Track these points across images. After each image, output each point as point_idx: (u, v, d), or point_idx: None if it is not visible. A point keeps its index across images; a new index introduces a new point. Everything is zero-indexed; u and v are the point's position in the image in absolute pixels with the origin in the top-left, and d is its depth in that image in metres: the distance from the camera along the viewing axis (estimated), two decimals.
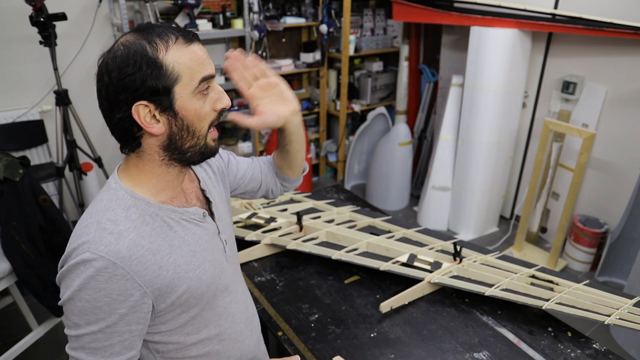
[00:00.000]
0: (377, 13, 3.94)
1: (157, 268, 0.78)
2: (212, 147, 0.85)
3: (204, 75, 0.78)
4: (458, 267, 1.51)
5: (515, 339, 1.29)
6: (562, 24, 2.59)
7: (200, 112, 0.79)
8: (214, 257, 0.91)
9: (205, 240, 0.89)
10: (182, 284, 0.82)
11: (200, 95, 0.78)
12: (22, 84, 2.82)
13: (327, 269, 1.60)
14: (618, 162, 2.69)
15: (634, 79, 2.52)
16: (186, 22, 2.95)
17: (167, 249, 0.80)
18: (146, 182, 0.82)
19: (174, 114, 0.77)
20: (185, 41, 0.76)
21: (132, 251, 0.75)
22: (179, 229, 0.84)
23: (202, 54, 0.78)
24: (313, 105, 3.91)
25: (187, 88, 0.76)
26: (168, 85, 0.74)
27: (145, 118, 0.76)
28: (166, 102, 0.75)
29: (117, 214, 0.77)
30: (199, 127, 0.80)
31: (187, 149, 0.81)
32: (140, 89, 0.73)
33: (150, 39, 0.74)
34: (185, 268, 0.83)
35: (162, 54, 0.74)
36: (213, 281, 0.89)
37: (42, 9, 2.34)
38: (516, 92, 2.97)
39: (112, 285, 0.73)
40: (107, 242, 0.73)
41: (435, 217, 3.37)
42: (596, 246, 2.80)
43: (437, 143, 3.29)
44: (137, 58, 0.72)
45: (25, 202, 1.91)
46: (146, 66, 0.73)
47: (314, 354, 1.23)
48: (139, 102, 0.74)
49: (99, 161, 2.80)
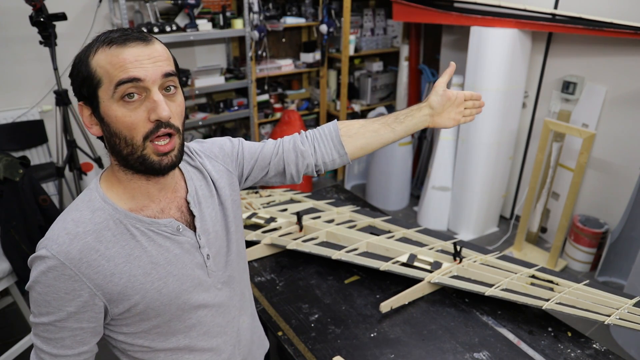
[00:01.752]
0: (377, 13, 3.94)
1: (109, 274, 0.77)
2: (152, 161, 0.77)
3: (120, 79, 0.72)
4: (458, 267, 1.51)
5: (515, 339, 1.29)
6: (562, 24, 2.59)
7: (124, 120, 0.74)
8: (184, 272, 0.86)
9: (175, 254, 0.85)
10: (135, 294, 0.80)
11: (123, 102, 0.73)
12: (22, 84, 2.82)
13: (327, 269, 1.60)
14: (618, 162, 2.69)
15: (634, 79, 2.52)
16: (186, 22, 2.95)
17: (124, 257, 0.79)
18: (117, 187, 0.82)
19: (101, 118, 0.76)
20: (119, 44, 0.73)
21: (84, 254, 0.75)
22: (143, 239, 0.81)
23: (128, 57, 0.72)
24: (313, 105, 3.91)
25: (107, 92, 0.74)
26: (91, 89, 0.75)
27: (87, 118, 0.78)
28: (95, 106, 0.76)
29: (82, 215, 0.78)
30: (129, 136, 0.75)
31: (126, 156, 0.77)
32: (78, 90, 0.77)
33: (95, 41, 0.75)
34: (141, 279, 0.80)
35: (91, 57, 0.74)
36: (178, 296, 0.85)
37: (42, 9, 2.34)
38: (516, 92, 2.97)
39: (60, 284, 0.74)
40: (61, 242, 0.75)
41: (435, 217, 3.37)
42: (596, 246, 2.80)
43: (437, 143, 3.29)
44: (79, 59, 0.76)
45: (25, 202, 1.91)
46: (83, 68, 0.75)
47: (314, 354, 1.23)
48: (80, 102, 0.78)
49: (99, 161, 2.80)
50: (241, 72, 3.38)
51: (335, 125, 1.07)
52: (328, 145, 1.06)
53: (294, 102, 3.84)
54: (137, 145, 0.75)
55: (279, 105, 3.73)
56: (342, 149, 1.06)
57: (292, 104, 3.82)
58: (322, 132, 1.07)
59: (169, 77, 0.76)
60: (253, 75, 3.39)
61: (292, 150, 1.05)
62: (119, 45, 0.73)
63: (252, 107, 3.43)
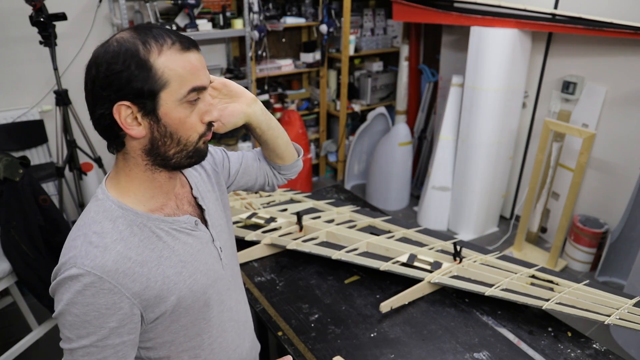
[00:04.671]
0: (377, 13, 3.94)
1: (145, 280, 0.76)
2: (202, 150, 0.82)
3: (194, 86, 0.75)
4: (458, 267, 1.51)
5: (515, 339, 1.29)
6: (562, 24, 2.59)
7: (185, 121, 0.76)
8: (207, 267, 0.88)
9: (197, 249, 0.87)
10: (171, 295, 0.80)
11: (188, 104, 0.75)
12: (22, 84, 2.82)
13: (327, 269, 1.60)
14: (618, 162, 2.69)
15: (634, 79, 2.52)
16: (186, 22, 2.95)
17: (156, 260, 0.79)
18: (134, 190, 0.80)
19: (157, 119, 0.74)
20: (181, 47, 0.74)
21: (119, 264, 0.74)
22: (169, 239, 0.82)
23: (197, 63, 0.75)
24: (313, 105, 3.91)
25: (175, 95, 0.73)
26: (154, 89, 0.72)
27: (126, 119, 0.73)
28: (150, 106, 0.73)
29: (103, 226, 0.76)
30: (184, 136, 0.77)
31: (172, 155, 0.78)
32: (124, 89, 0.71)
33: (145, 40, 0.72)
34: (174, 279, 0.81)
35: (154, 57, 0.71)
36: (205, 291, 0.87)
37: (42, 9, 2.34)
38: (516, 92, 2.97)
39: (100, 300, 0.72)
40: (93, 257, 0.72)
41: (435, 217, 3.37)
42: (596, 246, 2.80)
43: (437, 143, 3.29)
44: (127, 56, 0.70)
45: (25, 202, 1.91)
46: (135, 66, 0.70)
47: (314, 354, 1.23)
48: (122, 102, 0.72)
49: (99, 161, 2.80)
50: (241, 72, 3.38)
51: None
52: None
53: (294, 102, 3.84)
54: (191, 143, 0.78)
55: (279, 105, 3.73)
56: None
57: (292, 104, 3.82)
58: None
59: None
60: (253, 75, 3.39)
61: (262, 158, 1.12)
62: (182, 49, 0.74)
63: None
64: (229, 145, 3.62)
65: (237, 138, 3.63)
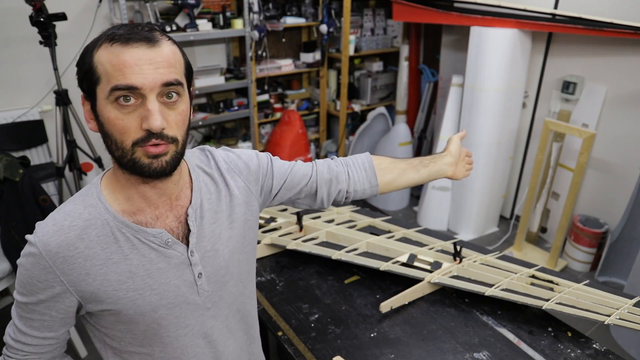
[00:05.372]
0: (377, 13, 3.94)
1: (84, 273, 0.76)
2: (142, 164, 0.72)
3: (115, 84, 0.68)
4: (458, 267, 1.51)
5: (515, 339, 1.29)
6: (562, 24, 2.59)
7: (116, 122, 0.70)
8: (165, 288, 0.81)
9: (158, 267, 0.80)
10: (107, 298, 0.78)
11: (117, 104, 0.69)
12: (22, 84, 2.82)
13: (327, 269, 1.60)
14: (618, 162, 2.69)
15: (634, 79, 2.52)
16: (186, 22, 2.95)
17: (102, 260, 0.77)
18: (116, 188, 0.80)
19: (96, 115, 0.74)
20: (122, 42, 0.69)
21: (62, 249, 0.75)
22: (125, 246, 0.77)
23: (128, 59, 0.68)
24: (313, 105, 3.91)
25: (103, 92, 0.70)
26: (91, 84, 0.72)
27: (87, 112, 0.77)
28: (93, 102, 0.73)
29: (75, 209, 0.78)
30: (119, 139, 0.71)
31: (118, 158, 0.73)
32: (80, 82, 0.75)
33: (103, 34, 0.72)
34: (115, 285, 0.77)
35: (95, 51, 0.71)
36: (154, 310, 0.81)
37: (42, 9, 2.34)
38: (516, 92, 2.97)
39: (35, 272, 0.76)
40: (44, 232, 0.75)
41: (435, 217, 3.37)
42: (596, 246, 2.80)
43: (437, 143, 3.29)
44: (85, 50, 0.73)
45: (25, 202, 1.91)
46: (85, 59, 0.72)
47: (314, 354, 1.23)
48: (82, 94, 0.76)
49: (99, 161, 2.80)
50: (241, 72, 3.38)
51: (369, 157, 1.11)
52: (361, 173, 1.08)
53: (294, 102, 3.84)
54: (127, 150, 0.71)
55: (279, 105, 3.73)
56: (375, 180, 1.08)
57: (292, 104, 3.82)
58: (355, 161, 1.10)
59: (170, 86, 0.71)
60: (253, 75, 3.39)
61: (326, 172, 1.04)
62: (121, 43, 0.68)
63: (252, 107, 3.43)
64: (229, 145, 3.62)
65: (237, 138, 3.64)
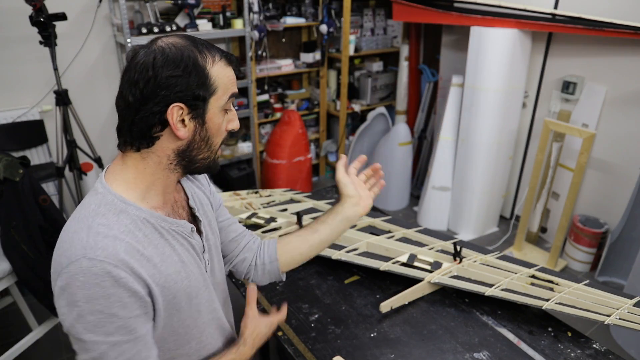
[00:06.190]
0: (377, 13, 3.94)
1: (151, 274, 0.76)
2: (218, 164, 0.89)
3: (233, 92, 0.83)
4: (458, 267, 1.51)
5: (515, 339, 1.29)
6: (562, 24, 2.59)
7: (220, 127, 0.84)
8: (199, 273, 0.89)
9: (191, 254, 0.88)
10: (169, 293, 0.80)
11: (224, 112, 0.83)
12: (22, 84, 2.82)
13: (327, 269, 1.60)
14: (618, 162, 2.69)
15: (634, 79, 2.52)
16: (186, 22, 2.95)
17: (159, 257, 0.79)
18: (139, 185, 0.80)
19: (203, 122, 0.80)
20: (226, 62, 0.82)
21: (130, 255, 0.73)
22: (169, 238, 0.82)
23: (232, 75, 0.84)
24: (313, 105, 3.91)
25: (219, 102, 0.81)
26: (206, 95, 0.79)
27: (180, 119, 0.78)
28: (200, 110, 0.79)
29: (108, 219, 0.74)
30: (214, 142, 0.84)
31: (200, 159, 0.84)
32: (183, 92, 0.76)
33: (200, 50, 0.79)
34: (174, 277, 0.81)
35: (209, 66, 0.78)
36: (197, 294, 0.88)
37: (42, 9, 2.34)
38: (516, 92, 2.97)
39: (119, 289, 0.70)
40: (104, 246, 0.70)
41: (435, 217, 3.37)
42: (596, 246, 2.80)
43: (437, 143, 3.29)
44: (189, 63, 0.76)
45: (25, 202, 1.91)
46: (195, 72, 0.76)
47: (314, 354, 1.23)
48: (177, 104, 0.76)
49: (99, 161, 2.80)
50: (241, 72, 3.38)
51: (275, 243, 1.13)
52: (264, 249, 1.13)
53: (294, 102, 3.84)
54: (215, 150, 0.85)
55: (279, 105, 3.73)
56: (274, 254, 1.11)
57: (292, 104, 3.82)
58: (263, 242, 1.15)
59: None
60: (253, 75, 3.39)
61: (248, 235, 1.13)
62: (227, 63, 0.82)
63: (252, 107, 3.43)
64: (229, 145, 3.62)
65: (237, 138, 3.64)
